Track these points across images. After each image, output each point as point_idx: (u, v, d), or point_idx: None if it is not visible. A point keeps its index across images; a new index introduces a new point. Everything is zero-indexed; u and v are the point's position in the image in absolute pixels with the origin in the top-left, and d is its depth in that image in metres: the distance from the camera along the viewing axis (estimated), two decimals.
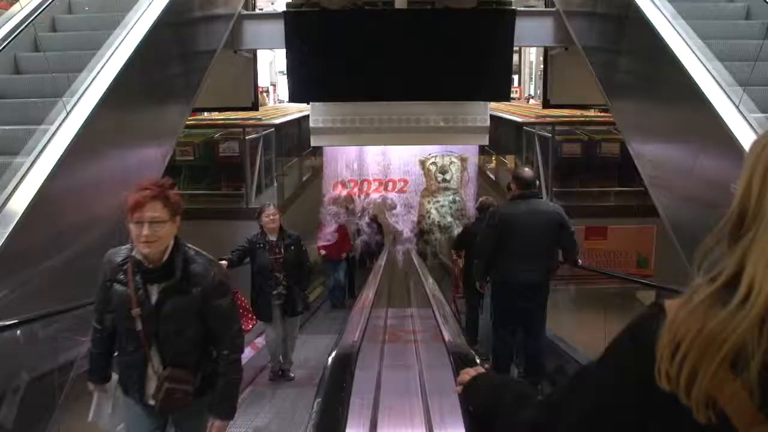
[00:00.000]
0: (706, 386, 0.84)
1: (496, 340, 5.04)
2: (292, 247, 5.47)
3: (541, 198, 4.85)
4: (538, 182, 9.78)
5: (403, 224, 15.42)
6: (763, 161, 0.89)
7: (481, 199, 7.41)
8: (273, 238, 5.42)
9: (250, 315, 5.27)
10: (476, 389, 1.46)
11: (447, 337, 3.58)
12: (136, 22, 5.34)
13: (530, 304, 4.70)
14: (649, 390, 0.91)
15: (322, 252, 10.62)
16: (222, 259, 5.05)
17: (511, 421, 1.23)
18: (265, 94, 19.58)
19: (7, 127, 4.44)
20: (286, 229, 5.54)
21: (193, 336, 2.43)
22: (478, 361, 2.82)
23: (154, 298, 2.40)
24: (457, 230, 12.30)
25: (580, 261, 5.11)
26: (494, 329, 5.07)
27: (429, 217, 15.03)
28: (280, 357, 5.73)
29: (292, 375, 5.75)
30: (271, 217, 5.41)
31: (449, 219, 14.75)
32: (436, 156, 14.90)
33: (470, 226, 7.08)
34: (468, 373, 1.52)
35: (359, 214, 14.04)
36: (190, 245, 2.48)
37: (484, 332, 6.02)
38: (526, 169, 5.20)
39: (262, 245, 5.40)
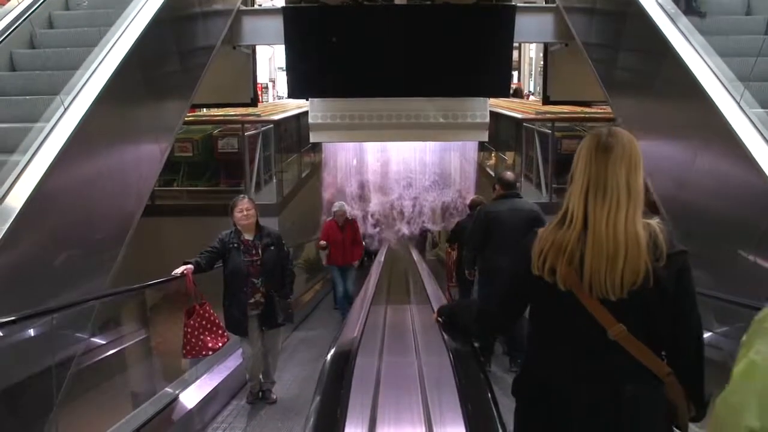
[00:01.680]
0: (563, 273, 1.68)
1: None
2: (272, 248, 4.65)
3: (522, 198, 5.57)
4: (539, 179, 9.92)
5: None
6: (579, 151, 1.74)
7: (471, 197, 8.11)
8: (249, 237, 4.63)
9: (221, 330, 4.42)
10: (444, 308, 2.67)
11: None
12: (134, 17, 5.31)
13: None
14: (530, 276, 1.73)
15: (322, 243, 8.56)
16: (187, 263, 4.36)
17: (469, 313, 2.21)
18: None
19: (3, 125, 4.43)
20: (264, 226, 4.76)
21: None
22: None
23: None
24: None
25: None
26: None
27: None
28: (260, 376, 4.91)
29: (275, 396, 4.95)
30: (245, 213, 4.59)
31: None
32: None
33: (462, 222, 7.69)
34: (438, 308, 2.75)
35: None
36: None
37: None
38: (509, 172, 6.04)
39: (236, 245, 4.57)
